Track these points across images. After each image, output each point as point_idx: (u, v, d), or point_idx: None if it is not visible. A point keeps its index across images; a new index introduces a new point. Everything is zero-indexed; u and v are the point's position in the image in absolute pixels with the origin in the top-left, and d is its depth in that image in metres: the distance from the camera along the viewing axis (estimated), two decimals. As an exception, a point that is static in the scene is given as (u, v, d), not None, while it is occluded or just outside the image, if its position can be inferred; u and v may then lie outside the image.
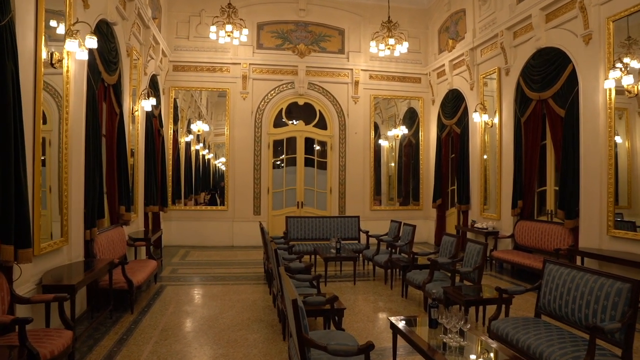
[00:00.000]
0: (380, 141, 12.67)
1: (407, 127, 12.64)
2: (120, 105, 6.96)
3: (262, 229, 7.09)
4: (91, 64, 5.71)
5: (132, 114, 8.06)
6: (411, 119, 12.75)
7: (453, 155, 11.44)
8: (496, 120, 9.49)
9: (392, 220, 8.77)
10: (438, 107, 11.97)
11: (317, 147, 12.18)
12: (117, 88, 6.87)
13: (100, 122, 6.04)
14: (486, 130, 9.91)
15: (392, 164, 12.99)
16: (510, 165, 8.86)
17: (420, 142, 12.65)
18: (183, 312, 5.81)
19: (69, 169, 5.09)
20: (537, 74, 8.01)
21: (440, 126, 11.77)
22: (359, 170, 12.13)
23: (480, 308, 5.43)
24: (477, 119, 9.82)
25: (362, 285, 7.38)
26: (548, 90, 7.70)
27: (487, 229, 9.27)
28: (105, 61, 6.19)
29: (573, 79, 7.16)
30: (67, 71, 5.01)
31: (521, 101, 8.53)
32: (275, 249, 4.45)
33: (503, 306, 4.37)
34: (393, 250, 7.92)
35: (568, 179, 7.15)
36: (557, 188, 7.84)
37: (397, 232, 8.33)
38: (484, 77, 9.97)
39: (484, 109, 9.71)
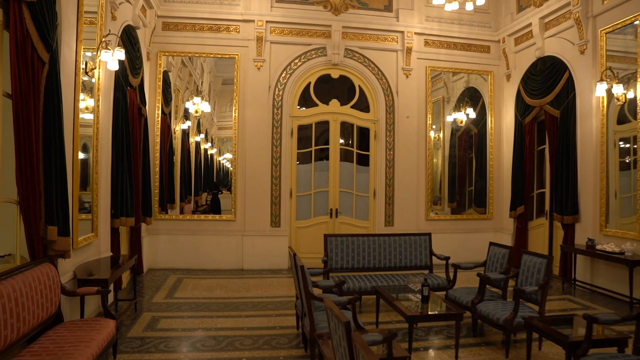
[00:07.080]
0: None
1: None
2: (50, 48, 3.93)
3: (299, 268, 4.02)
4: None
5: (87, 73, 5.03)
6: (470, 101, 9.61)
7: (543, 146, 8.36)
8: (630, 94, 6.41)
9: (492, 243, 5.65)
10: (517, 83, 8.86)
11: (347, 138, 9.10)
12: (44, 16, 3.82)
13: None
14: (609, 109, 6.83)
15: (437, 160, 9.80)
16: (670, 159, 5.79)
17: (488, 131, 9.52)
18: None
19: None
20: None
21: (522, 108, 8.66)
22: (411, 166, 9.04)
23: None
24: (601, 92, 6.72)
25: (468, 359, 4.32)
26: None
27: (623, 253, 6.20)
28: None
29: None
30: None
31: (697, 59, 5.45)
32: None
33: None
34: (503, 295, 4.84)
35: None
36: None
37: (507, 263, 5.23)
38: (606, 34, 6.88)
39: (615, 78, 6.61)
